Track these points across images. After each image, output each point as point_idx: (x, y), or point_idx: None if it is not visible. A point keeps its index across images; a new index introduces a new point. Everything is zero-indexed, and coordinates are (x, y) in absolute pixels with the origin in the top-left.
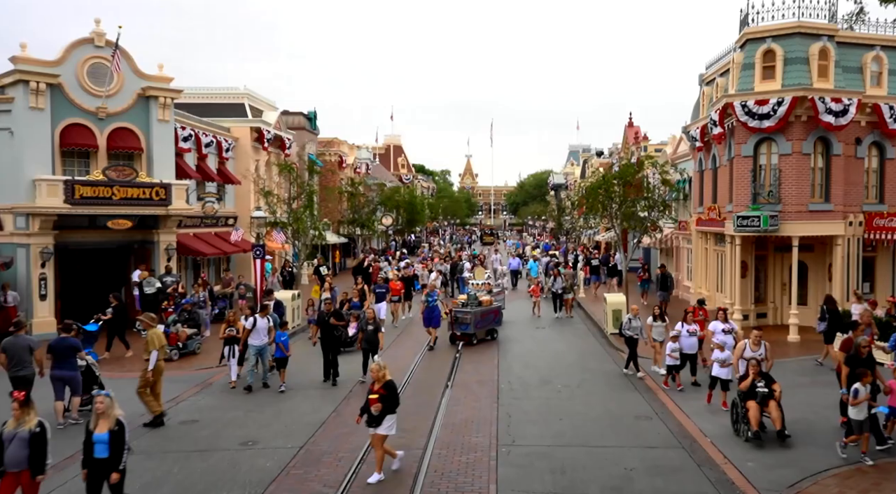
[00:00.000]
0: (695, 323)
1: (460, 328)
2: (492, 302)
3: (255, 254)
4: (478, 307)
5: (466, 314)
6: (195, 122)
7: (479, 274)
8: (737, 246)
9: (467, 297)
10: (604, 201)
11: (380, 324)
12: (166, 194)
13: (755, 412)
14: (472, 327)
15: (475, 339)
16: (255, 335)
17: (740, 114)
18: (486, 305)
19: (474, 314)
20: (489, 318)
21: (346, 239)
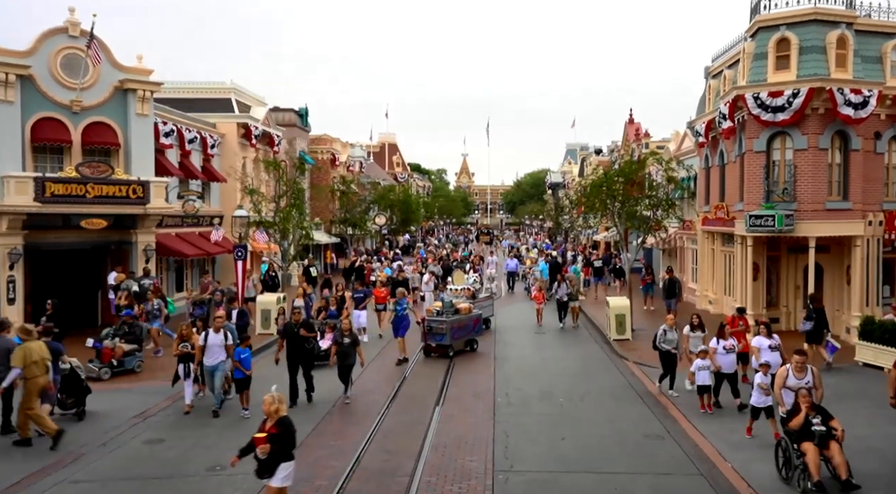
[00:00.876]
0: (732, 338)
1: (435, 339)
2: (471, 310)
3: (237, 256)
4: (454, 315)
5: (441, 323)
6: (178, 117)
7: (458, 279)
8: (748, 247)
9: (442, 305)
10: (605, 200)
11: (357, 336)
12: (144, 192)
13: (814, 457)
14: (447, 338)
15: (452, 351)
16: (208, 352)
17: (752, 107)
18: (464, 313)
19: (450, 323)
20: (467, 328)
21: (339, 239)
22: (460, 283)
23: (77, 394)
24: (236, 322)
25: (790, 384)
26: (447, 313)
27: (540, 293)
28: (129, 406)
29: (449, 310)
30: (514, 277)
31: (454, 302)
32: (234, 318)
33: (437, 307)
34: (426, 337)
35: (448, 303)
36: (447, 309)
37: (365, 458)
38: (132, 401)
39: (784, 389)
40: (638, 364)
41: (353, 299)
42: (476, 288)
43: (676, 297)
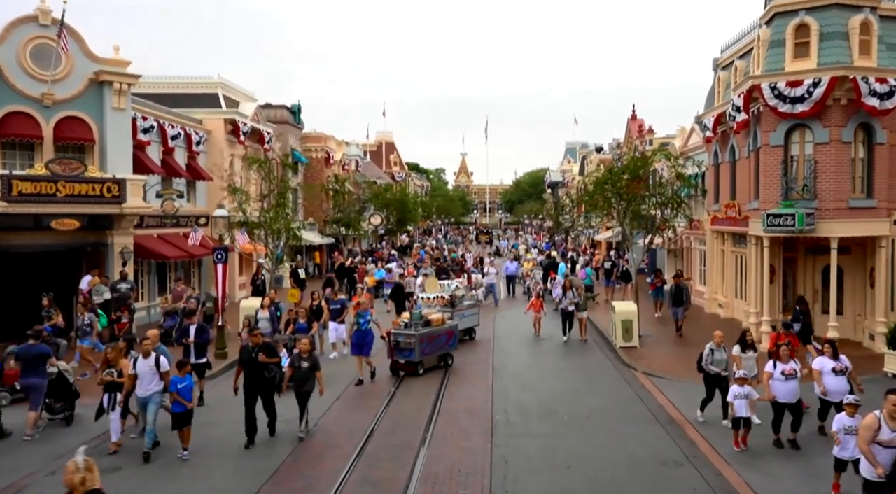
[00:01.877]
0: (793, 361)
1: (402, 355)
2: (444, 322)
3: (217, 259)
4: (424, 328)
5: (409, 337)
6: (160, 112)
7: (431, 287)
8: (764, 248)
9: (410, 316)
10: (610, 198)
11: (317, 360)
12: (120, 191)
13: None
14: (416, 353)
15: (421, 369)
16: (139, 381)
17: (769, 98)
18: (435, 325)
19: (419, 337)
20: (440, 341)
21: (334, 239)
22: (432, 291)
23: (65, 399)
24: (195, 339)
25: (882, 438)
26: (416, 326)
27: (538, 300)
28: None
29: (418, 322)
30: (514, 281)
31: (424, 313)
32: (191, 335)
33: (404, 319)
34: (392, 353)
35: (417, 315)
36: (416, 321)
37: (345, 492)
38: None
39: (873, 445)
40: (648, 374)
41: (330, 311)
42: (458, 294)
43: (684, 305)
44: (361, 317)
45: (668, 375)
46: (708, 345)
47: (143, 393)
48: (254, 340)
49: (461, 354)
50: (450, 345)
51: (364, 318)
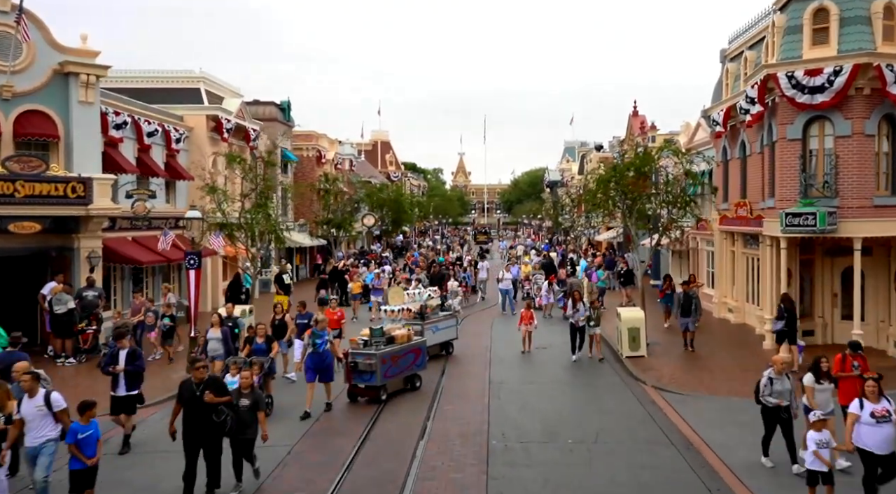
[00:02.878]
0: (885, 399)
1: (361, 379)
2: (410, 338)
3: (189, 264)
4: (387, 346)
5: (369, 358)
6: (135, 107)
7: (395, 298)
8: (782, 249)
9: (370, 332)
10: (614, 197)
11: (260, 397)
12: (85, 191)
13: None
14: (378, 377)
15: (384, 394)
16: (26, 428)
17: (786, 88)
18: (400, 342)
19: (381, 358)
20: (405, 362)
21: (326, 241)
22: (396, 303)
23: None
24: (125, 367)
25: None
26: (377, 344)
27: (528, 311)
28: None
29: (379, 340)
30: (516, 285)
31: (387, 329)
32: (121, 361)
33: (363, 336)
34: (350, 376)
35: (378, 331)
36: (377, 339)
37: None
38: None
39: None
40: (658, 389)
41: (296, 325)
42: (431, 304)
43: (693, 316)
44: (318, 338)
45: (681, 390)
46: (766, 373)
47: (33, 443)
48: (196, 375)
49: (456, 365)
50: (417, 365)
51: (321, 339)
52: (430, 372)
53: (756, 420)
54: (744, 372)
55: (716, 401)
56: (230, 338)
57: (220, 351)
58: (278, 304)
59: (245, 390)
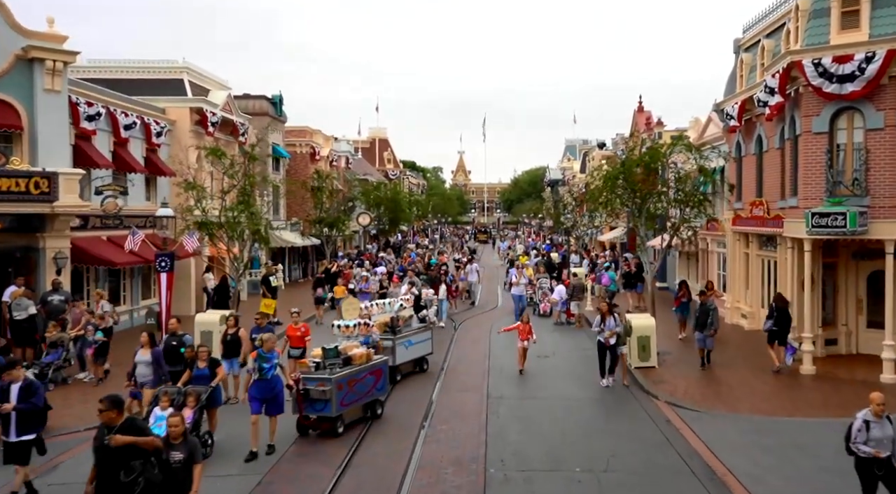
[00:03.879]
0: None
1: (314, 408)
2: (369, 358)
3: (160, 267)
4: (343, 369)
5: (323, 384)
6: (110, 98)
7: (349, 311)
8: (805, 252)
9: (323, 353)
10: (622, 195)
11: (196, 446)
12: (50, 186)
13: None
14: (334, 406)
15: (341, 426)
16: None
17: (812, 77)
18: (357, 364)
19: (337, 383)
20: (365, 386)
21: (320, 241)
22: (351, 317)
23: None
24: (17, 403)
25: None
26: (332, 367)
27: (526, 325)
28: None
29: (334, 362)
30: None
31: (343, 348)
32: (12, 397)
33: (315, 356)
34: (300, 405)
35: (333, 351)
36: (332, 360)
37: None
38: None
39: None
40: (672, 405)
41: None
42: (404, 315)
43: (709, 329)
44: (265, 361)
45: (697, 406)
46: (860, 415)
47: None
48: (104, 418)
49: (452, 376)
50: (378, 390)
51: (269, 363)
52: (423, 383)
53: (786, 444)
54: (765, 385)
55: (737, 421)
56: (163, 361)
57: (150, 377)
58: (231, 316)
59: (176, 440)
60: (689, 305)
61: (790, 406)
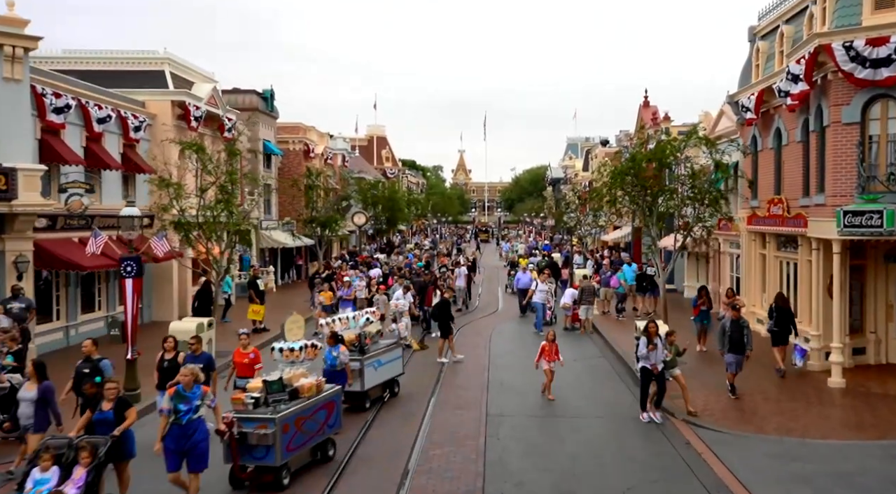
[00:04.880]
0: None
1: (252, 457)
2: (319, 389)
3: (125, 271)
4: (289, 405)
5: (264, 425)
6: (81, 89)
7: (294, 330)
8: (834, 254)
9: (264, 385)
10: (631, 192)
11: None
12: (8, 184)
13: None
14: (278, 453)
15: (287, 476)
16: None
17: (843, 62)
18: (306, 397)
19: (282, 424)
20: (315, 423)
21: (313, 241)
22: (295, 337)
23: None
24: None
25: None
26: (275, 404)
27: (551, 344)
28: None
29: (278, 397)
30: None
31: (288, 378)
32: None
33: (254, 389)
34: (234, 453)
35: (276, 384)
36: (275, 395)
37: None
38: None
39: None
40: (691, 424)
41: None
42: (371, 331)
43: (743, 349)
44: (182, 401)
45: (718, 425)
46: None
47: None
48: None
49: (447, 389)
50: (330, 426)
51: (189, 404)
52: (417, 399)
53: (824, 472)
54: (792, 401)
55: (765, 443)
56: (54, 399)
57: (32, 421)
58: (169, 338)
59: None
60: (709, 314)
61: (823, 425)
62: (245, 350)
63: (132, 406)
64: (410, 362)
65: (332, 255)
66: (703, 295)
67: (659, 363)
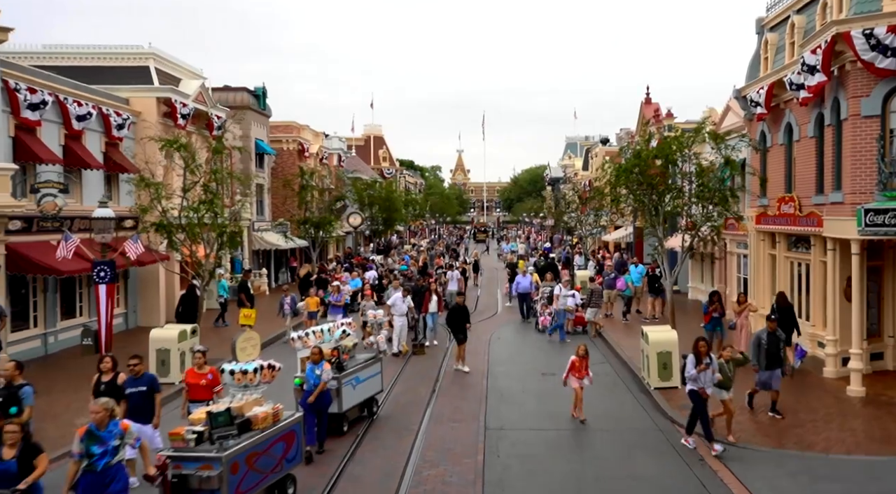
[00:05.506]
0: None
1: None
2: (276, 418)
3: (98, 277)
4: (239, 441)
5: (209, 466)
6: (59, 85)
7: (247, 348)
8: (853, 254)
9: (209, 419)
10: (636, 190)
11: None
12: None
13: None
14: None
15: None
16: None
17: (862, 50)
18: (261, 427)
19: (230, 463)
20: (271, 459)
21: (308, 243)
22: (248, 357)
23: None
24: None
25: None
26: (221, 439)
27: (581, 359)
28: None
29: (224, 431)
30: (529, 301)
31: (238, 406)
32: None
33: (197, 422)
34: None
35: (222, 416)
36: (221, 428)
37: None
38: None
39: None
40: (704, 437)
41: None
42: (347, 344)
43: (783, 366)
44: (96, 442)
45: (734, 440)
46: None
47: None
48: None
49: (443, 398)
50: (289, 461)
51: (105, 445)
52: (410, 408)
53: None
54: (810, 412)
55: (786, 459)
56: None
57: None
58: (105, 358)
59: None
60: (721, 322)
61: (847, 439)
62: (200, 370)
63: (42, 452)
64: (404, 370)
65: (328, 257)
66: (716, 300)
67: (708, 385)
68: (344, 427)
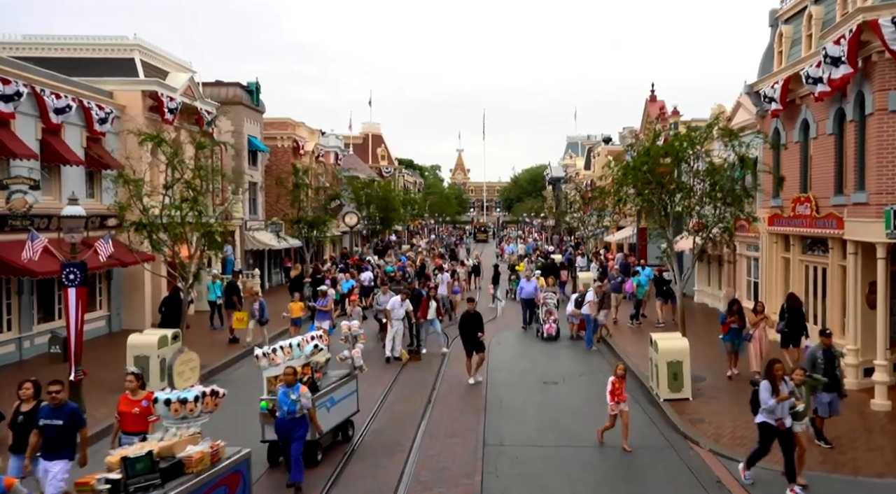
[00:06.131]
0: None
1: None
2: (218, 457)
3: (67, 280)
4: (163, 489)
5: None
6: (35, 76)
7: (186, 372)
8: (879, 259)
9: (124, 465)
10: (644, 190)
11: None
12: None
13: None
14: None
15: None
16: None
17: (891, 40)
18: (193, 472)
19: None
20: None
21: (302, 243)
22: (185, 381)
23: None
24: None
25: None
26: (140, 489)
27: (621, 380)
28: None
29: (147, 480)
30: (533, 307)
31: (168, 445)
32: None
33: (113, 467)
34: None
35: (143, 462)
36: (139, 477)
37: None
38: None
39: None
40: (720, 455)
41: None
42: (320, 360)
43: (841, 390)
44: None
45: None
46: None
47: None
48: None
49: (439, 410)
50: None
51: None
52: (404, 421)
53: None
54: (833, 427)
55: (811, 482)
56: None
57: None
58: (26, 383)
59: None
60: (740, 333)
61: (877, 459)
62: (134, 396)
63: None
64: (398, 379)
65: (324, 257)
66: (735, 310)
67: (786, 417)
68: (318, 455)
